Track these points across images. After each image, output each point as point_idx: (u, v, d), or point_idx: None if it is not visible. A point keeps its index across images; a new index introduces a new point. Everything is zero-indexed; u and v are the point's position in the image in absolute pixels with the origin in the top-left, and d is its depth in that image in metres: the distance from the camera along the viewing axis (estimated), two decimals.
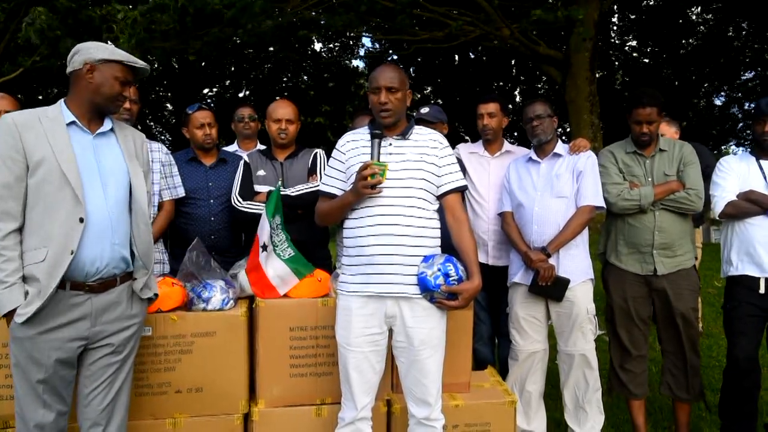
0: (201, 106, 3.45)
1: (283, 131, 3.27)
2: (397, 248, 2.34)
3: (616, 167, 3.24)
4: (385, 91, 2.40)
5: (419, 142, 2.47)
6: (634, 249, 3.20)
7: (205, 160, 3.47)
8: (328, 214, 2.52)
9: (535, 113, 3.25)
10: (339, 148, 2.54)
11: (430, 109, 3.57)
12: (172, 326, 2.64)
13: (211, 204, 3.37)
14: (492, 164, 3.63)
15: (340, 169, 2.51)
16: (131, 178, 2.23)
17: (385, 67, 2.46)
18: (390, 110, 2.41)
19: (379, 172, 2.30)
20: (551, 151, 3.28)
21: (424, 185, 2.41)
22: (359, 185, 2.31)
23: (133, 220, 2.24)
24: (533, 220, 3.18)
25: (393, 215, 2.34)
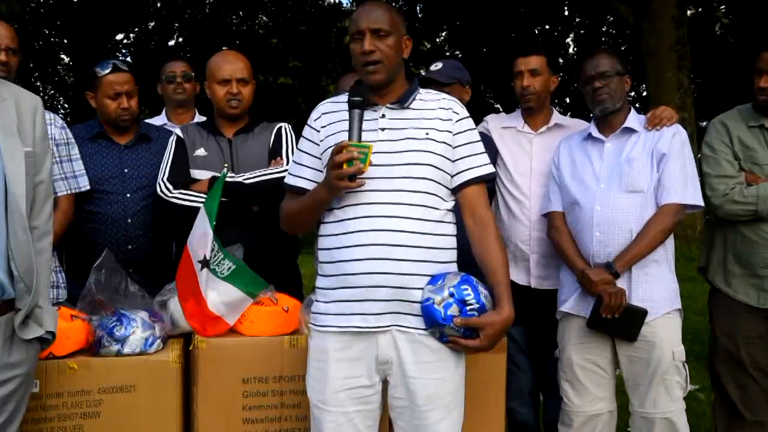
0: (117, 66, 3.44)
1: (234, 97, 3.30)
2: (394, 264, 2.34)
3: (730, 150, 3.26)
4: (369, 35, 2.42)
5: (425, 112, 2.49)
6: (750, 271, 3.23)
7: (118, 138, 3.49)
8: (296, 218, 2.54)
9: (597, 70, 3.27)
10: (312, 123, 2.56)
11: (443, 65, 3.59)
12: (71, 379, 2.64)
13: (128, 200, 3.38)
14: (536, 144, 3.66)
15: (313, 153, 2.53)
16: (5, 164, 2.21)
17: (371, 4, 2.48)
18: (377, 62, 2.42)
19: (360, 157, 2.28)
20: (621, 125, 3.30)
21: (431, 174, 2.42)
22: (332, 176, 2.31)
23: (9, 226, 2.22)
24: (594, 224, 3.20)
25: (387, 217, 2.35)
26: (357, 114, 2.37)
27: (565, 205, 3.36)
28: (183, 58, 4.37)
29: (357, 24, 2.44)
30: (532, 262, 3.58)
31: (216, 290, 2.82)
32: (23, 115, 2.31)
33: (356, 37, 2.44)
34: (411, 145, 2.42)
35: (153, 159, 3.41)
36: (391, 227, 2.35)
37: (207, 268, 2.82)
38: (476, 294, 2.36)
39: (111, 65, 3.43)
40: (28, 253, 2.25)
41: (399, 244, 2.35)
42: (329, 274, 2.43)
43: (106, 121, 3.47)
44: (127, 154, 3.46)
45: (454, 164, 2.48)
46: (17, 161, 2.24)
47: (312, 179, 2.51)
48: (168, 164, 3.27)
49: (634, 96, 18.43)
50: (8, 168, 2.21)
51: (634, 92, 18.28)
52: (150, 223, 3.39)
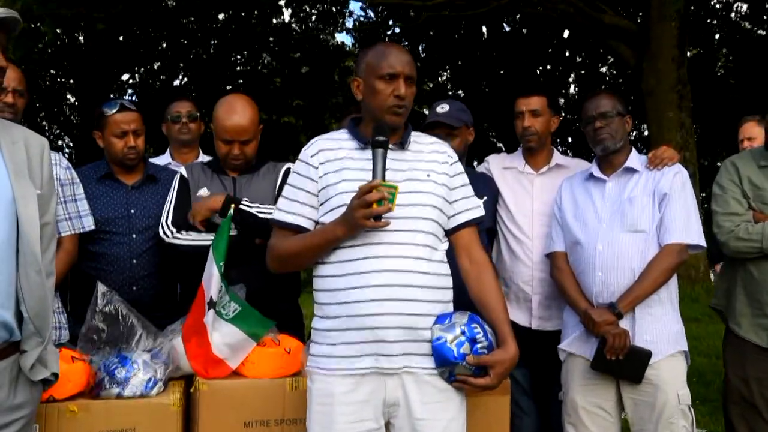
0: (123, 105, 3.48)
1: (236, 157, 3.29)
2: (404, 305, 2.35)
3: (739, 189, 3.27)
4: (404, 81, 2.46)
5: (422, 154, 2.53)
6: (758, 311, 3.21)
7: (125, 178, 3.50)
8: (294, 257, 2.51)
9: (598, 110, 3.30)
10: (308, 159, 2.54)
11: (450, 107, 3.60)
12: (71, 422, 2.62)
13: (134, 240, 3.39)
14: (537, 184, 3.68)
15: (309, 190, 2.52)
16: (18, 207, 2.23)
17: (398, 48, 2.53)
18: (405, 108, 2.48)
19: (389, 197, 2.30)
20: (622, 165, 3.32)
21: (434, 215, 2.45)
22: (359, 215, 2.29)
23: (21, 268, 2.23)
24: (596, 264, 3.20)
25: (396, 258, 2.36)
26: (381, 153, 2.37)
27: (568, 245, 3.36)
28: (188, 97, 4.41)
29: (392, 66, 2.46)
30: (534, 303, 3.58)
31: (220, 332, 2.82)
32: (33, 158, 2.32)
33: (388, 79, 2.46)
34: (415, 186, 2.44)
35: (159, 199, 3.41)
36: (401, 267, 2.36)
37: (213, 309, 2.82)
38: (485, 332, 2.38)
39: (118, 105, 3.46)
40: (41, 295, 2.25)
41: (409, 284, 2.35)
42: (334, 315, 2.42)
43: (114, 160, 3.49)
44: (134, 194, 3.48)
45: (452, 206, 2.51)
46: (30, 204, 2.25)
47: (309, 217, 2.50)
48: (171, 206, 3.27)
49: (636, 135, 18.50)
50: (22, 211, 2.22)
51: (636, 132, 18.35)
52: (155, 264, 3.39)
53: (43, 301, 2.26)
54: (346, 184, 2.41)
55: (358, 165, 2.46)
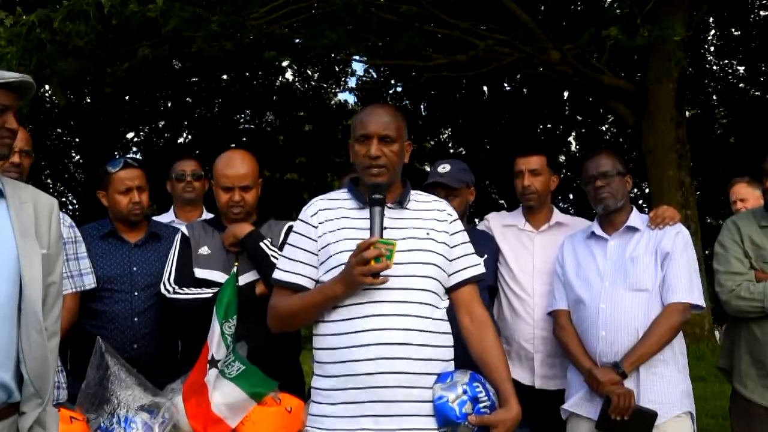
0: (127, 162, 3.53)
1: (237, 204, 3.29)
2: (405, 364, 2.34)
3: (740, 248, 3.27)
4: (377, 140, 2.47)
5: (422, 213, 2.54)
6: (762, 371, 3.19)
7: (128, 236, 3.52)
8: (293, 316, 2.51)
9: (599, 170, 3.33)
10: (308, 218, 2.56)
11: (451, 167, 3.62)
12: None
13: (135, 298, 3.39)
14: (537, 242, 3.68)
15: (309, 249, 2.52)
16: (22, 267, 2.23)
17: (377, 108, 2.55)
18: (382, 167, 2.46)
19: (386, 254, 2.30)
20: (623, 224, 3.33)
21: (434, 273, 2.44)
22: (357, 272, 2.30)
23: (22, 328, 2.21)
24: (599, 322, 3.19)
25: (396, 316, 2.36)
26: (378, 211, 2.38)
27: (570, 303, 3.36)
28: (193, 156, 4.43)
29: (365, 127, 2.48)
30: (536, 362, 3.56)
31: (221, 391, 2.81)
32: (40, 218, 2.34)
33: (362, 139, 2.48)
34: (414, 244, 2.45)
35: (162, 257, 3.42)
36: (400, 326, 2.35)
37: (215, 368, 2.81)
38: (487, 391, 2.37)
39: (122, 162, 3.51)
40: (42, 356, 2.23)
41: (408, 343, 2.34)
42: (333, 374, 2.40)
43: (118, 217, 3.51)
44: (137, 252, 3.49)
45: (452, 264, 2.51)
46: (35, 264, 2.25)
47: (308, 276, 2.50)
48: (173, 263, 3.28)
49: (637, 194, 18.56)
50: (25, 271, 2.22)
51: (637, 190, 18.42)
52: (157, 322, 3.38)
53: (44, 361, 2.25)
54: (346, 243, 2.42)
55: (357, 224, 2.47)
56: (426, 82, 12.79)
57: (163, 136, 20.30)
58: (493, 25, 10.58)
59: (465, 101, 18.68)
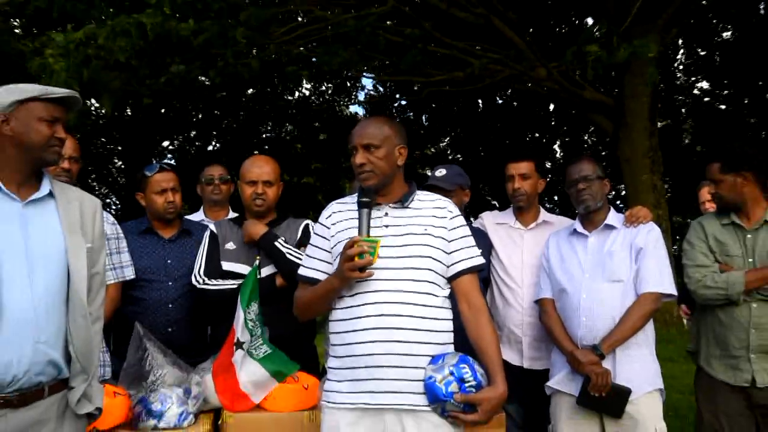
0: (162, 166, 3.56)
1: (260, 196, 3.32)
2: (399, 346, 2.34)
3: (706, 244, 3.27)
4: (361, 150, 2.48)
5: (423, 211, 2.54)
6: (726, 352, 3.18)
7: (163, 232, 3.54)
8: (309, 305, 2.55)
9: (580, 174, 3.33)
10: (323, 221, 2.60)
11: (447, 171, 3.64)
12: None
13: (169, 287, 3.41)
14: (526, 238, 3.69)
15: (324, 248, 2.55)
16: (69, 259, 2.25)
17: (364, 122, 2.57)
18: (369, 172, 2.48)
19: (369, 251, 2.33)
20: (602, 222, 3.33)
21: (431, 265, 2.44)
22: (345, 267, 2.34)
23: (70, 313, 2.24)
24: (580, 310, 3.19)
25: (393, 304, 2.37)
26: (365, 213, 2.42)
27: (555, 293, 3.36)
28: (220, 162, 4.44)
29: (351, 140, 2.52)
30: (524, 344, 3.56)
31: (247, 370, 2.82)
32: (85, 216, 2.36)
33: (352, 151, 2.52)
34: (412, 239, 2.45)
35: (193, 251, 3.43)
36: (395, 312, 2.36)
37: (241, 349, 2.83)
38: (473, 372, 2.34)
39: (158, 166, 3.55)
40: (86, 337, 2.26)
41: (402, 327, 2.35)
42: (340, 354, 2.43)
43: (154, 216, 3.53)
44: (171, 246, 3.50)
45: (450, 256, 2.50)
46: (80, 257, 2.28)
47: (324, 271, 2.53)
48: (203, 258, 3.29)
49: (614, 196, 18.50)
50: (72, 263, 2.25)
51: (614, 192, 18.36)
52: (189, 309, 3.40)
53: (89, 342, 2.27)
54: None
55: None
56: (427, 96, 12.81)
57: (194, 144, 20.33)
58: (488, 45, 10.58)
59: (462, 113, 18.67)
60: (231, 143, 18.93)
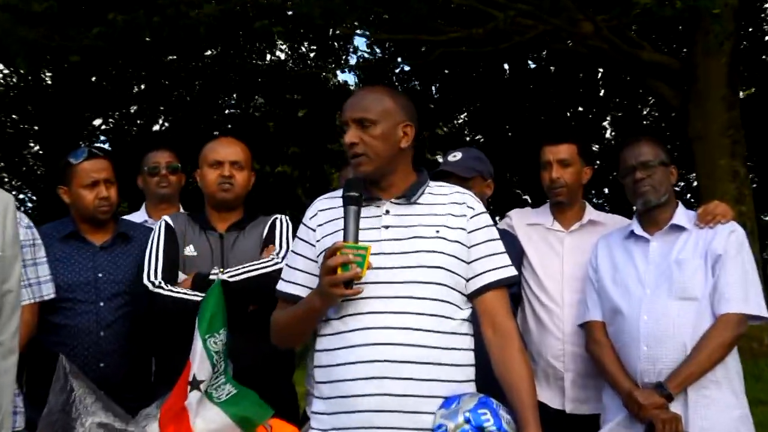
0: (93, 152, 3.54)
1: (227, 180, 3.36)
2: (402, 385, 2.33)
3: None
4: (353, 126, 2.48)
5: (435, 207, 2.53)
6: None
7: (93, 238, 3.52)
8: (287, 330, 2.55)
9: (638, 159, 3.32)
10: (307, 221, 2.60)
11: (463, 155, 3.63)
12: None
13: (101, 310, 3.39)
14: (567, 244, 3.69)
15: (307, 256, 2.55)
16: None
17: (360, 91, 2.59)
18: (360, 155, 2.48)
19: (357, 261, 2.29)
20: (667, 222, 3.33)
21: (444, 278, 2.43)
22: (325, 282, 2.32)
23: None
24: (640, 336, 3.19)
25: (394, 330, 2.35)
26: (353, 211, 2.39)
27: (606, 314, 3.36)
28: (168, 146, 4.43)
29: (343, 114, 2.52)
30: (566, 382, 3.56)
31: (204, 417, 2.82)
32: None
33: (344, 129, 2.51)
34: (419, 244, 2.44)
35: (131, 262, 3.44)
36: (398, 340, 2.34)
37: (198, 389, 2.81)
38: (497, 420, 2.33)
39: (86, 152, 3.53)
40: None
41: (407, 361, 2.34)
42: (326, 396, 2.42)
43: (82, 216, 3.52)
44: (102, 256, 3.49)
45: (470, 266, 2.49)
46: None
47: (307, 285, 2.52)
48: (159, 253, 3.28)
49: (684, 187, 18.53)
50: None
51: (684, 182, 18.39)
52: (126, 337, 3.39)
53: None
54: None
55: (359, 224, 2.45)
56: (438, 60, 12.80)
57: (135, 123, 20.34)
58: None
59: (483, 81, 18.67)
60: (183, 122, 18.93)
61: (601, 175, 17.24)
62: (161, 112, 20.04)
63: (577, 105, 19.73)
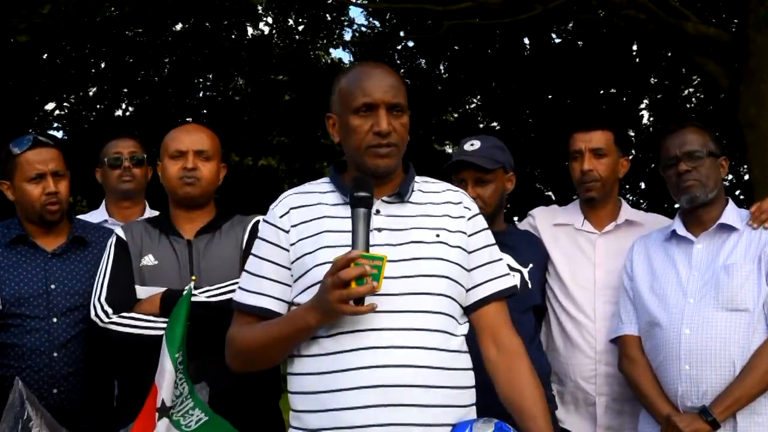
0: (38, 140, 3.51)
1: (190, 173, 3.33)
2: (409, 413, 2.33)
3: None
4: (385, 111, 2.47)
5: (430, 207, 2.54)
6: None
7: (43, 242, 3.52)
8: (260, 351, 2.49)
9: (683, 149, 3.33)
10: (275, 221, 2.56)
11: (482, 143, 3.62)
12: None
13: (54, 327, 3.39)
14: (600, 247, 3.71)
15: (279, 262, 2.53)
16: None
17: (378, 68, 2.56)
18: (394, 146, 2.48)
19: (372, 272, 2.26)
20: (715, 221, 3.34)
21: (449, 289, 2.45)
22: (334, 297, 2.25)
23: None
24: (682, 353, 3.20)
25: (397, 349, 2.35)
26: (363, 214, 2.34)
27: (643, 327, 3.38)
28: (132, 134, 4.43)
29: (368, 93, 2.47)
30: (599, 407, 3.58)
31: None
32: None
33: (364, 111, 2.47)
34: (418, 251, 2.45)
35: (89, 270, 3.44)
36: (404, 362, 2.34)
37: (166, 417, 2.82)
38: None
39: (31, 140, 3.50)
40: None
41: (415, 385, 2.34)
42: (315, 427, 2.39)
43: (29, 217, 3.50)
44: (55, 264, 3.48)
45: (471, 275, 2.52)
46: None
47: (278, 297, 2.51)
48: (106, 278, 3.28)
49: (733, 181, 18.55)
50: None
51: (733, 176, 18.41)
52: (83, 358, 3.38)
53: None
54: (327, 253, 2.40)
55: (343, 226, 2.44)
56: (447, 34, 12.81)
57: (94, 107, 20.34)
58: None
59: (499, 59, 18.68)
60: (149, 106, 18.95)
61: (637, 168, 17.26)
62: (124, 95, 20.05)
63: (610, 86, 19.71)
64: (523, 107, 19.55)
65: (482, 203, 3.35)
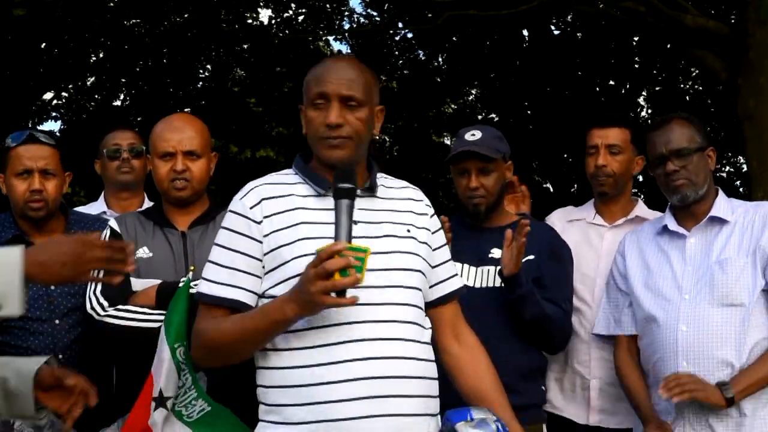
0: (33, 135, 3.46)
1: (179, 175, 3.30)
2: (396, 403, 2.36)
3: None
4: (338, 104, 2.48)
5: (395, 202, 2.58)
6: None
7: (41, 240, 3.46)
8: (231, 344, 2.47)
9: (670, 147, 3.31)
10: (246, 211, 2.54)
11: (483, 133, 3.62)
12: None
13: (57, 329, 3.39)
14: (608, 239, 3.76)
15: (251, 254, 2.51)
16: None
17: (342, 62, 2.59)
18: (345, 138, 2.49)
19: (356, 264, 2.26)
20: (706, 214, 3.34)
21: (420, 283, 2.50)
22: (316, 288, 2.23)
23: None
24: (679, 350, 3.21)
25: (381, 341, 2.38)
26: (346, 206, 2.34)
27: (638, 322, 3.39)
28: (131, 125, 4.43)
29: (322, 85, 2.51)
30: (593, 390, 3.61)
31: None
32: None
33: (318, 103, 2.51)
34: (393, 244, 2.48)
35: None
36: (389, 353, 2.37)
37: (164, 407, 2.82)
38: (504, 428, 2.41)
39: (26, 134, 3.44)
40: None
41: (401, 376, 2.38)
42: (300, 420, 2.38)
43: (16, 212, 3.47)
44: None
45: (434, 271, 2.57)
46: None
47: (250, 289, 2.51)
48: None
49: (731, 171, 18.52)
50: None
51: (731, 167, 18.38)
52: (86, 358, 3.37)
53: None
54: (304, 245, 2.41)
55: (319, 218, 2.47)
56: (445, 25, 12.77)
57: (92, 97, 20.26)
58: None
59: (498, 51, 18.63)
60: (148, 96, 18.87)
61: None
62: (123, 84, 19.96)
63: (608, 78, 19.66)
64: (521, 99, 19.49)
65: (485, 192, 3.40)
